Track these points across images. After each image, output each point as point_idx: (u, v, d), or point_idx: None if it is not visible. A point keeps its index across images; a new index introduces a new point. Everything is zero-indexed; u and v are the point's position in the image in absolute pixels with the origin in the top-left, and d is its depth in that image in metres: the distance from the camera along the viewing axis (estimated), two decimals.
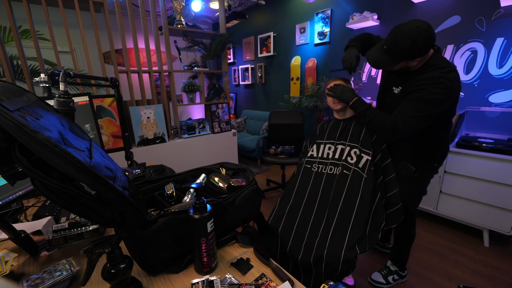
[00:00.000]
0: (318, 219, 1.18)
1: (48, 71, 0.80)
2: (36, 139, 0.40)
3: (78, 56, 3.78)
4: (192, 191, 0.83)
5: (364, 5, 2.72)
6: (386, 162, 1.23)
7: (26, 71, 1.81)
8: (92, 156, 0.53)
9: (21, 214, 0.98)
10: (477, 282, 1.51)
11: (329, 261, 1.02)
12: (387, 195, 1.22)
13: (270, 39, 3.90)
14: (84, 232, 0.78)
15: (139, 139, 2.21)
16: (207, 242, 0.61)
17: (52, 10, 1.84)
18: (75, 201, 0.46)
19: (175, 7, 2.41)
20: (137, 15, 2.70)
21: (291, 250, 1.12)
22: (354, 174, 1.20)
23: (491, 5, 1.93)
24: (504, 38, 1.91)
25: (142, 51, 4.16)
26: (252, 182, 0.83)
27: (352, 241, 1.06)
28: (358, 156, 1.22)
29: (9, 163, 0.47)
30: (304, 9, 3.40)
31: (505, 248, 1.79)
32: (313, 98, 3.15)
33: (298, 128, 2.78)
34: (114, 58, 2.05)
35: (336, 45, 3.11)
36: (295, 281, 0.61)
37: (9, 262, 0.65)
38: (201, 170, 1.00)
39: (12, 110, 0.41)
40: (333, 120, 1.41)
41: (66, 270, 0.62)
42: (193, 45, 2.69)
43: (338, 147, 1.29)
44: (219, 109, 2.72)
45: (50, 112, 0.56)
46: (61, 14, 1.81)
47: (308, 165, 1.36)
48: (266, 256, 0.68)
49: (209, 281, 0.58)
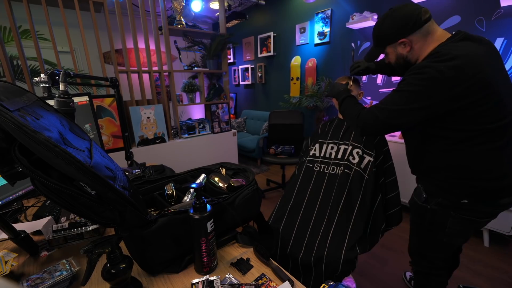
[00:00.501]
0: (319, 218, 1.17)
1: (48, 71, 0.80)
2: (36, 139, 0.40)
3: (78, 56, 3.78)
4: (192, 191, 0.83)
5: (364, 5, 2.72)
6: (388, 164, 1.23)
7: (26, 71, 1.81)
8: (92, 156, 0.53)
9: (21, 214, 0.98)
10: (477, 282, 1.51)
11: (329, 261, 1.02)
12: (387, 197, 1.22)
13: (270, 39, 3.90)
14: (84, 232, 0.78)
15: (139, 139, 2.21)
16: (207, 242, 0.61)
17: (52, 10, 1.84)
18: (75, 201, 0.46)
19: (175, 7, 2.41)
20: (137, 15, 2.70)
21: (292, 250, 1.12)
22: (356, 174, 1.20)
23: (491, 5, 1.93)
24: (504, 38, 1.91)
25: (142, 51, 4.16)
26: (252, 182, 0.83)
27: (352, 242, 1.06)
28: (360, 157, 1.21)
29: (9, 163, 0.47)
30: (304, 9, 3.40)
31: (505, 248, 1.79)
32: (313, 98, 3.15)
33: (298, 128, 2.78)
34: (114, 58, 2.05)
35: (336, 45, 3.11)
36: (295, 281, 0.61)
37: (9, 262, 0.65)
38: (201, 170, 1.00)
39: (12, 110, 0.41)
40: (336, 120, 1.41)
41: (66, 270, 0.62)
42: (193, 45, 2.69)
43: (341, 147, 1.29)
44: (219, 109, 2.72)
45: (50, 112, 0.56)
46: (61, 14, 1.81)
47: (310, 164, 1.35)
48: (266, 256, 0.68)
49: (209, 281, 0.58)
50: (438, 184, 0.90)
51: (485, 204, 0.86)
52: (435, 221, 0.94)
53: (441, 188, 0.90)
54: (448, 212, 0.90)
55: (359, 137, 1.26)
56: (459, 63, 0.74)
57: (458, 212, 0.88)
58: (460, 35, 0.81)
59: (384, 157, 1.23)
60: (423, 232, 1.01)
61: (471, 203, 0.86)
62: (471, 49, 0.77)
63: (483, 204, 0.86)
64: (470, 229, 0.93)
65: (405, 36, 0.85)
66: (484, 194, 0.84)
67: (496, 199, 0.85)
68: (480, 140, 0.79)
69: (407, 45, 0.87)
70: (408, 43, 0.86)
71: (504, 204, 0.86)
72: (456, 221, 0.89)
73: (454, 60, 0.74)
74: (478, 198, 0.85)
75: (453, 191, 0.87)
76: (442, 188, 0.90)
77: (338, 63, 3.12)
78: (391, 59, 0.95)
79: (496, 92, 0.75)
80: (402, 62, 0.92)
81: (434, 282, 1.07)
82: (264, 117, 4.04)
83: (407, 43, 0.86)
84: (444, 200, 0.90)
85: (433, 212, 0.93)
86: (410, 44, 0.86)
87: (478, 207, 0.86)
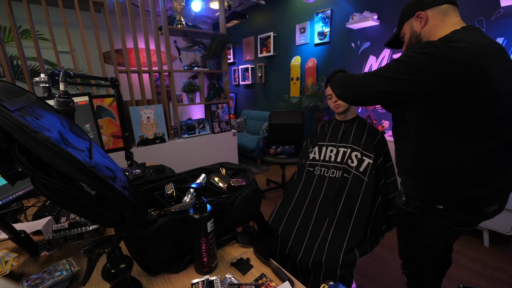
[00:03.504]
0: (319, 221, 1.17)
1: (48, 71, 0.80)
2: (36, 139, 0.40)
3: (78, 56, 3.78)
4: (192, 191, 0.83)
5: (364, 5, 2.72)
6: (388, 165, 1.23)
7: (26, 71, 1.81)
8: (92, 156, 0.53)
9: (21, 214, 0.98)
10: (477, 282, 1.51)
11: (327, 264, 1.02)
12: (388, 197, 1.21)
13: (270, 39, 3.90)
14: (84, 232, 0.78)
15: (139, 139, 2.21)
16: (207, 242, 0.61)
17: (52, 10, 1.84)
18: (75, 201, 0.46)
19: (175, 7, 2.41)
20: (137, 15, 2.70)
21: (291, 251, 1.12)
22: (354, 178, 1.19)
23: (491, 5, 1.93)
24: (504, 38, 1.91)
25: (142, 51, 4.16)
26: (252, 182, 0.83)
27: (351, 245, 1.06)
28: (359, 160, 1.21)
29: (9, 163, 0.47)
30: (304, 9, 3.40)
31: (505, 248, 1.79)
32: (313, 98, 3.15)
33: (298, 128, 2.78)
34: (114, 58, 2.05)
35: (336, 45, 3.11)
36: (295, 281, 0.61)
37: (9, 262, 0.65)
38: (201, 170, 1.00)
39: (12, 110, 0.41)
40: (334, 120, 1.40)
41: (66, 270, 0.62)
42: (193, 45, 2.69)
43: (340, 149, 1.29)
44: (219, 109, 2.72)
45: (50, 112, 0.56)
46: (61, 14, 1.81)
47: (311, 168, 1.35)
48: (266, 256, 0.68)
49: (209, 281, 0.58)
50: (416, 186, 0.88)
51: (463, 212, 0.82)
52: (414, 224, 0.92)
53: (419, 191, 0.88)
54: (425, 217, 0.87)
55: (358, 139, 1.25)
56: (461, 45, 0.71)
57: (434, 217, 0.85)
58: (475, 28, 0.79)
59: (384, 158, 1.23)
60: (406, 235, 0.99)
61: (446, 209, 0.82)
62: (479, 40, 0.74)
63: (461, 212, 0.82)
64: (450, 234, 0.90)
65: (424, 9, 0.84)
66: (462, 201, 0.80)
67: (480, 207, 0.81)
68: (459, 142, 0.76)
69: (422, 20, 0.85)
70: (424, 17, 0.85)
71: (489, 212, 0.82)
72: (432, 226, 0.87)
73: (456, 43, 0.72)
74: (454, 205, 0.81)
75: (429, 194, 0.85)
76: (419, 191, 0.87)
77: (338, 63, 3.12)
78: (406, 39, 0.94)
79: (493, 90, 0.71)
80: (415, 41, 0.90)
81: (425, 285, 1.05)
82: (264, 117, 4.04)
83: (423, 18, 0.85)
84: (421, 204, 0.88)
85: (412, 216, 0.91)
86: (426, 20, 0.85)
87: (456, 214, 0.82)
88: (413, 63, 0.75)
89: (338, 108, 1.30)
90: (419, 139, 0.83)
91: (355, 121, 1.32)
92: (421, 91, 0.76)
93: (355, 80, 0.90)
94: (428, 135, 0.80)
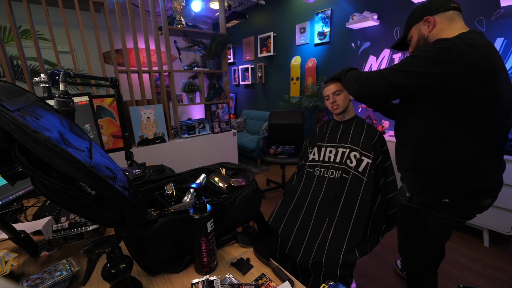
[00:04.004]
0: (319, 222, 1.17)
1: (48, 71, 0.80)
2: (36, 139, 0.40)
3: (78, 56, 3.78)
4: (192, 191, 0.83)
5: (364, 5, 2.72)
6: (387, 164, 1.23)
7: (26, 71, 1.81)
8: (92, 156, 0.53)
9: (21, 214, 0.98)
10: (477, 282, 1.51)
11: (327, 264, 1.02)
12: (388, 197, 1.21)
13: (270, 39, 3.90)
14: (84, 232, 0.78)
15: (139, 139, 2.21)
16: (207, 242, 0.61)
17: (52, 10, 1.84)
18: (75, 201, 0.46)
19: (175, 7, 2.41)
20: (137, 15, 2.70)
21: (290, 251, 1.12)
22: (353, 178, 1.19)
23: (491, 5, 1.93)
24: (504, 38, 1.91)
25: (142, 51, 4.16)
26: (252, 182, 0.83)
27: (350, 245, 1.06)
28: (358, 160, 1.21)
29: (9, 163, 0.47)
30: (304, 9, 3.40)
31: (505, 248, 1.79)
32: (313, 98, 3.15)
33: (298, 128, 2.78)
34: (114, 58, 2.05)
35: (336, 45, 3.11)
36: (295, 281, 0.61)
37: (9, 262, 0.65)
38: (201, 170, 1.00)
39: (12, 110, 0.41)
40: (332, 121, 1.40)
41: (66, 270, 0.62)
42: (193, 45, 2.69)
43: (339, 150, 1.29)
44: (219, 109, 2.72)
45: (50, 112, 0.56)
46: (61, 14, 1.81)
47: (311, 169, 1.36)
48: (266, 256, 0.68)
49: (209, 281, 0.58)
50: (421, 182, 0.92)
51: (464, 205, 0.88)
52: (418, 220, 0.96)
53: (424, 186, 0.92)
54: (429, 211, 0.92)
55: (357, 139, 1.25)
56: (474, 42, 0.77)
57: (438, 211, 0.90)
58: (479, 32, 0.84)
59: (383, 157, 1.23)
60: (408, 231, 1.03)
61: (452, 202, 0.88)
62: (486, 41, 0.80)
63: (462, 205, 0.88)
64: (452, 227, 0.95)
65: (432, 14, 0.89)
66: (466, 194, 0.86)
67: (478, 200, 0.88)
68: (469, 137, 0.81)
69: (430, 24, 0.90)
70: (432, 22, 0.89)
71: (484, 205, 0.89)
72: (437, 221, 0.92)
73: (471, 40, 0.77)
74: (459, 198, 0.87)
75: (435, 189, 0.89)
76: (425, 186, 0.92)
77: (338, 63, 3.12)
78: (413, 42, 0.97)
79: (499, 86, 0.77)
80: (422, 44, 0.94)
81: (424, 281, 1.10)
82: (264, 117, 4.04)
83: (431, 22, 0.90)
84: (426, 199, 0.92)
85: (416, 211, 0.95)
86: (434, 24, 0.89)
87: (458, 207, 0.88)
88: (430, 57, 0.79)
89: (336, 109, 1.30)
90: (427, 136, 0.87)
91: (353, 121, 1.32)
92: (435, 84, 0.80)
93: (372, 75, 0.93)
94: (437, 131, 0.84)
